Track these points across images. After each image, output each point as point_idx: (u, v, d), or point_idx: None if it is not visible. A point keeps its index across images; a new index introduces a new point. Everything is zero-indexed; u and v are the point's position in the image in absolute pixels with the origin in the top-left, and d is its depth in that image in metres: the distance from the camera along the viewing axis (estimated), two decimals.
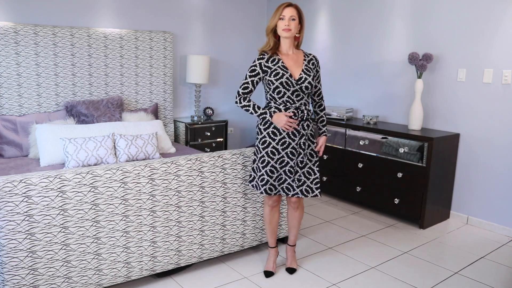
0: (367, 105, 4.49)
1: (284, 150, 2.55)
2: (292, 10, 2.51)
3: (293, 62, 2.57)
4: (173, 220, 2.54)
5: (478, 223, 3.68)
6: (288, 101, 2.53)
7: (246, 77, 2.58)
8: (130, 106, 4.29)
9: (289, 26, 2.50)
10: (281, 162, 2.56)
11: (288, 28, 2.50)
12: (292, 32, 2.52)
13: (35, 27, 3.70)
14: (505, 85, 3.44)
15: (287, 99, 2.53)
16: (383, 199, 3.84)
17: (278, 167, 2.56)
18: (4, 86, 3.63)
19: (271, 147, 2.56)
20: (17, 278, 2.10)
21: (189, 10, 4.80)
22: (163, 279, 2.66)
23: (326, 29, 4.84)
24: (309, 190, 2.62)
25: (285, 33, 2.52)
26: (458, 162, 3.78)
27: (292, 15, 2.50)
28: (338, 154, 4.21)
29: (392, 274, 2.82)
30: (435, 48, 3.83)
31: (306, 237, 3.37)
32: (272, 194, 2.59)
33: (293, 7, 2.53)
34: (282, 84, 2.50)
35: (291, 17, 2.50)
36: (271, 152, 2.56)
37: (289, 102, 2.54)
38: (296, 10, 2.53)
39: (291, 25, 2.51)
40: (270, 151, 2.56)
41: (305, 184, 2.61)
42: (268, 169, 2.56)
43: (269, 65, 2.55)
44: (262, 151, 2.58)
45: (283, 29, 2.51)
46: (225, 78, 5.23)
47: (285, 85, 2.51)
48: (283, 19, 2.51)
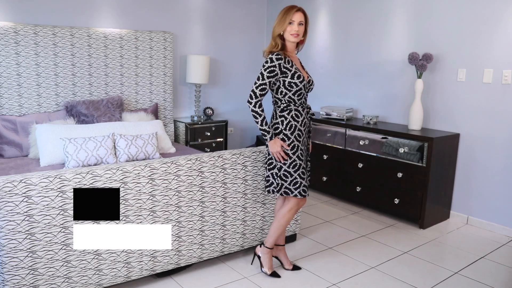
0: (367, 105, 4.49)
1: (305, 152, 2.67)
2: (301, 15, 2.54)
3: (298, 65, 2.65)
4: (173, 220, 2.54)
5: (478, 223, 3.68)
6: (304, 102, 2.62)
7: (264, 78, 2.48)
8: (130, 106, 4.29)
9: (298, 31, 2.53)
10: (305, 162, 2.66)
11: (297, 33, 2.53)
12: (300, 37, 2.56)
13: (35, 27, 3.70)
14: (505, 85, 3.44)
15: (304, 101, 2.62)
16: (383, 199, 3.84)
17: (306, 168, 2.66)
18: (4, 86, 3.63)
19: (299, 150, 2.58)
20: (17, 278, 2.11)
21: (189, 10, 4.80)
22: (163, 279, 2.66)
23: (326, 29, 4.84)
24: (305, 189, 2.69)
25: (293, 38, 2.54)
26: (458, 162, 3.78)
27: (301, 20, 2.53)
28: (338, 154, 4.21)
29: (392, 274, 2.82)
30: (435, 48, 3.83)
31: (306, 237, 3.37)
32: (306, 195, 2.59)
33: (302, 12, 2.55)
34: (304, 86, 2.58)
35: (300, 22, 2.53)
36: (301, 154, 2.59)
37: (303, 103, 2.62)
38: (304, 15, 2.56)
39: (300, 30, 2.53)
40: (300, 153, 2.59)
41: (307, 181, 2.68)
42: (300, 171, 2.57)
43: (287, 66, 2.52)
44: (293, 155, 2.55)
45: (291, 34, 2.53)
46: (225, 78, 5.23)
47: (303, 88, 2.57)
48: (292, 23, 2.52)
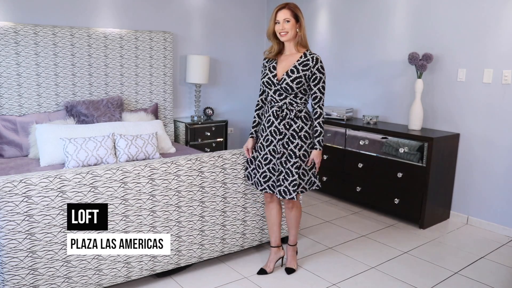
0: (367, 105, 4.49)
1: (267, 148, 2.63)
2: (284, 12, 2.50)
3: (285, 63, 2.59)
4: (173, 220, 2.54)
5: (478, 223, 3.68)
6: (272, 99, 2.63)
7: (260, 80, 2.69)
8: (130, 106, 4.29)
9: (284, 29, 2.50)
10: (265, 159, 2.64)
11: (284, 31, 2.51)
12: (290, 34, 2.52)
13: (35, 27, 3.70)
14: (505, 85, 3.44)
15: (271, 98, 2.63)
16: (383, 199, 3.84)
17: (263, 163, 2.65)
18: (4, 86, 3.63)
19: (259, 143, 2.69)
20: (17, 278, 2.11)
21: (189, 10, 4.80)
22: (163, 279, 2.66)
23: (326, 29, 4.84)
24: (286, 191, 2.55)
25: (282, 37, 2.54)
26: (458, 162, 3.78)
27: (286, 18, 2.49)
28: (338, 154, 4.21)
29: (392, 274, 2.82)
30: (435, 48, 3.83)
31: (306, 237, 3.37)
32: (258, 189, 2.71)
33: (286, 8, 2.50)
34: (264, 84, 2.63)
35: (285, 20, 2.50)
36: (259, 148, 2.68)
37: (273, 101, 2.63)
38: (289, 11, 2.50)
39: (287, 28, 2.50)
40: (259, 147, 2.69)
41: (283, 185, 2.56)
42: (256, 163, 2.70)
43: (266, 65, 2.67)
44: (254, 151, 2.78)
45: (279, 33, 2.53)
46: (225, 78, 5.23)
47: (266, 85, 2.61)
48: (278, 23, 2.52)
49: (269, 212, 2.77)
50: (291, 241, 2.83)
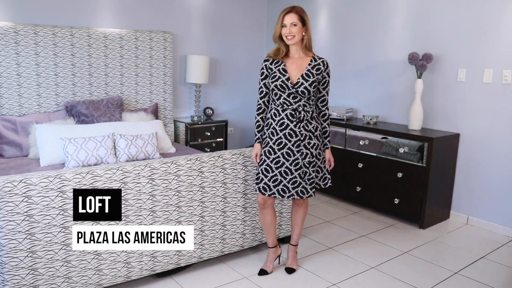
0: (367, 105, 4.49)
1: (280, 151, 2.57)
2: (292, 16, 2.51)
3: (295, 66, 2.59)
4: (173, 220, 2.54)
5: (478, 223, 3.68)
6: (285, 102, 2.58)
7: (259, 82, 2.69)
8: (130, 106, 4.29)
9: (291, 33, 2.51)
10: (276, 162, 2.58)
11: (291, 35, 2.52)
12: (296, 38, 2.54)
13: (35, 27, 3.70)
14: (505, 85, 3.44)
15: (284, 101, 2.58)
16: (383, 199, 3.84)
17: (273, 167, 2.58)
18: (4, 86, 3.63)
19: (268, 147, 2.61)
20: (17, 278, 2.11)
21: (189, 10, 4.80)
22: (163, 279, 2.66)
23: (326, 29, 4.84)
24: (304, 191, 2.60)
25: (289, 41, 2.55)
26: (458, 162, 3.78)
27: (293, 21, 2.51)
28: (338, 154, 4.19)
29: (392, 274, 2.82)
30: (435, 48, 3.83)
31: (306, 237, 3.37)
32: (265, 194, 2.60)
33: (293, 12, 2.52)
34: (277, 87, 2.57)
35: (292, 24, 2.51)
36: (268, 152, 2.60)
37: (286, 104, 2.58)
38: (296, 14, 2.52)
39: (293, 31, 2.51)
40: (268, 150, 2.61)
41: (301, 185, 2.59)
42: (263, 167, 2.61)
43: (271, 67, 2.62)
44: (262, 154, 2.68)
45: (286, 36, 2.54)
46: (225, 78, 5.23)
47: (279, 88, 2.56)
48: (285, 26, 2.53)
49: (263, 217, 2.73)
50: (293, 241, 2.83)
